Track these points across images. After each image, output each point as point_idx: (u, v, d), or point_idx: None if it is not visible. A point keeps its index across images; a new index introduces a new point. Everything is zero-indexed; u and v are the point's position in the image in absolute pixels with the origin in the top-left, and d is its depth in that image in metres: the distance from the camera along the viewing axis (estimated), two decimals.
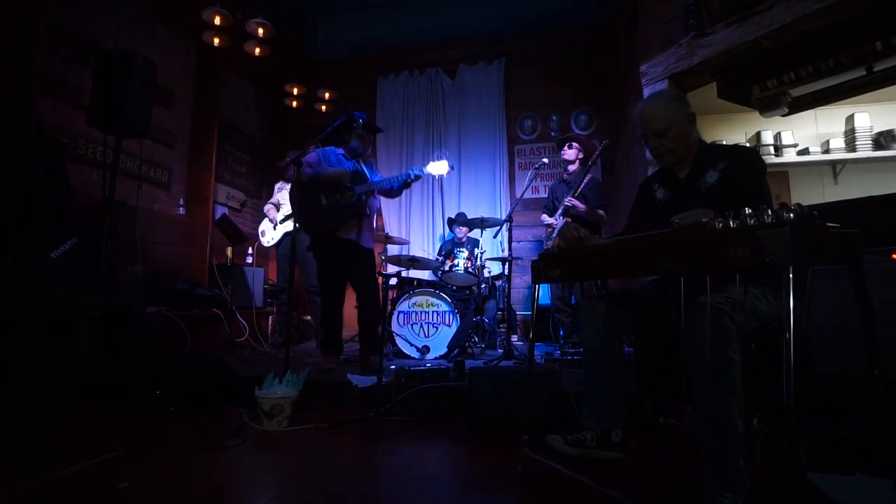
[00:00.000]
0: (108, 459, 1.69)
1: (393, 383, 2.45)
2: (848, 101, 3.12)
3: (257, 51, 4.41)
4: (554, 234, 3.90)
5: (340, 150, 3.12)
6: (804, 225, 0.94)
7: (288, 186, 3.95)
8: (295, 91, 5.29)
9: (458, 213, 4.87)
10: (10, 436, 1.98)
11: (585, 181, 3.85)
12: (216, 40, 4.23)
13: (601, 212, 3.86)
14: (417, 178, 2.99)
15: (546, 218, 4.09)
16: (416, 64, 5.87)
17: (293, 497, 1.45)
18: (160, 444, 1.90)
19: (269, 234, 4.42)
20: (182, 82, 4.85)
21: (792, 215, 0.94)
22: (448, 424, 2.19)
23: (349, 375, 2.62)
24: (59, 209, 2.80)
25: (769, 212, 0.96)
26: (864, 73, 2.64)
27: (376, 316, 3.12)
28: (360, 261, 3.07)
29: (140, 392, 2.37)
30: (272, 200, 4.53)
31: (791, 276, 0.93)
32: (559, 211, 3.89)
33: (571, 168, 4.08)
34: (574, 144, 4.05)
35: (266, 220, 4.47)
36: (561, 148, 4.10)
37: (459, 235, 4.65)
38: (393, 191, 3.09)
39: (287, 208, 4.26)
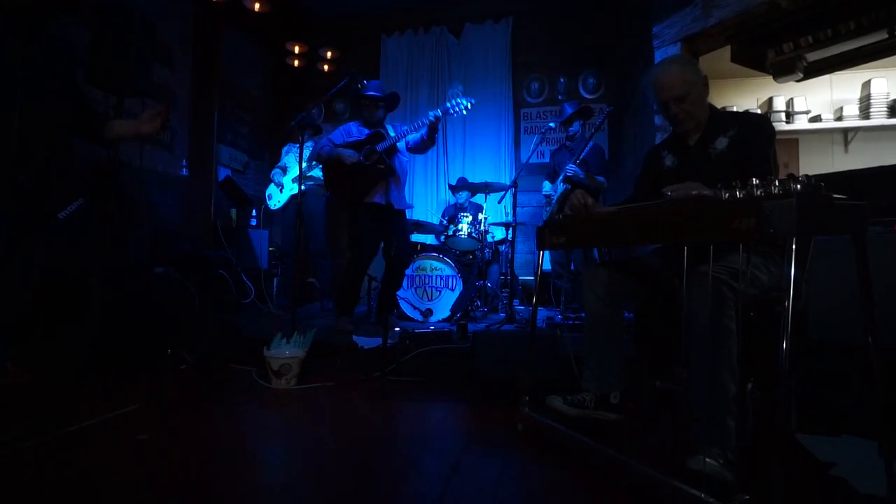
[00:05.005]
0: (125, 414, 1.76)
1: (398, 345, 2.51)
2: (865, 66, 3.04)
3: (257, 6, 4.27)
4: (553, 202, 3.88)
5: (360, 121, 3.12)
6: (811, 197, 0.94)
7: (296, 149, 3.91)
8: (296, 50, 5.14)
9: (458, 178, 4.83)
10: (28, 392, 2.06)
11: (588, 148, 3.81)
12: None
13: (601, 178, 3.83)
14: (438, 118, 2.84)
15: (547, 185, 4.07)
16: (421, 22, 5.68)
17: (303, 449, 1.52)
18: (174, 400, 1.98)
19: (276, 196, 4.41)
20: (181, 40, 4.73)
21: (799, 187, 0.94)
22: (451, 385, 2.25)
23: (355, 337, 2.68)
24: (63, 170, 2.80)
25: (776, 183, 0.97)
26: (886, 36, 2.56)
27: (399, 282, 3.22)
28: (392, 224, 3.07)
29: (152, 351, 2.44)
30: (279, 164, 4.49)
31: (795, 246, 0.95)
32: (560, 178, 3.86)
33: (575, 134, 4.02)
34: (577, 123, 3.98)
35: (273, 183, 4.45)
36: (568, 125, 4.03)
37: (461, 201, 4.63)
38: (424, 141, 2.97)
39: (294, 171, 4.23)
